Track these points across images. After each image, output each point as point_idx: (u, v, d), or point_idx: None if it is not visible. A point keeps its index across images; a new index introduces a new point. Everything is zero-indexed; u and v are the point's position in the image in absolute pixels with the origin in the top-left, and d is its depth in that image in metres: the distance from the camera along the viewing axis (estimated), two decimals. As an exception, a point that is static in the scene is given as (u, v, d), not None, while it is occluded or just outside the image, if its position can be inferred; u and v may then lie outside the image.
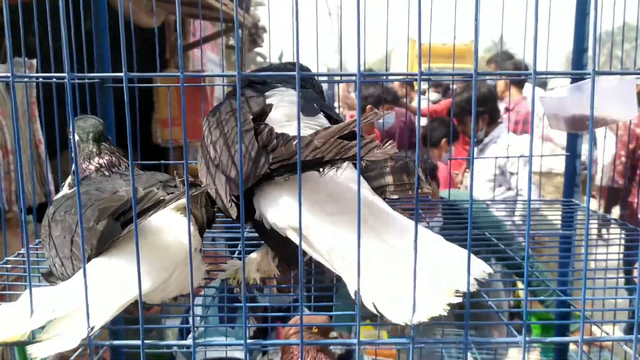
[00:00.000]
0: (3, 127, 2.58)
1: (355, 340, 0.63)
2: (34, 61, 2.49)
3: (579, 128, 1.11)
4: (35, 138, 2.65)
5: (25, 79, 0.65)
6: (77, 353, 1.05)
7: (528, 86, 4.80)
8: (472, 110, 0.62)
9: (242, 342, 0.63)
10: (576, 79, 1.28)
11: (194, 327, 0.64)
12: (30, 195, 2.41)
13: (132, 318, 0.81)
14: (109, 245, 0.71)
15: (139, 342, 0.64)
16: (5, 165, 2.57)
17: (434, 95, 5.14)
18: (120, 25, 0.58)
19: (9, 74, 0.61)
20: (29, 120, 2.33)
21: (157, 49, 1.37)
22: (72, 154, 0.97)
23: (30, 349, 0.60)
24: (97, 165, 0.92)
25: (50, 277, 0.82)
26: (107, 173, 0.92)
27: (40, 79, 0.67)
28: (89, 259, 0.71)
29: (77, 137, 0.96)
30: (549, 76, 1.56)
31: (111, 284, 0.67)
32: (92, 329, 0.61)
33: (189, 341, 0.63)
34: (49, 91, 1.13)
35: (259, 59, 7.62)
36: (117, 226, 0.70)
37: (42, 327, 0.62)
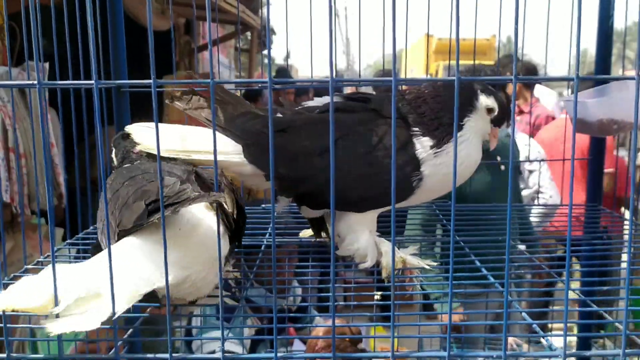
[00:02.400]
0: (17, 129, 2.58)
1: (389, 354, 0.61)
2: (47, 65, 2.50)
3: (607, 132, 1.09)
4: (48, 141, 2.65)
5: (51, 86, 0.63)
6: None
7: (538, 88, 4.76)
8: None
9: (272, 354, 0.62)
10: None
11: (223, 339, 0.62)
12: (44, 198, 2.41)
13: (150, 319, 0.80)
14: (138, 230, 0.71)
15: (166, 355, 0.62)
16: (20, 169, 2.57)
17: None
18: (149, 34, 0.57)
19: (36, 82, 0.60)
20: (42, 125, 2.32)
21: (174, 54, 1.36)
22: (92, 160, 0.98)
23: (49, 325, 0.60)
24: (136, 153, 0.94)
25: (97, 249, 0.82)
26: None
27: (68, 86, 0.66)
28: (119, 236, 0.72)
29: (114, 150, 0.99)
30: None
31: (133, 271, 0.67)
32: (115, 314, 0.61)
33: (218, 354, 0.62)
34: (63, 96, 1.13)
35: (266, 61, 7.61)
36: (146, 213, 0.70)
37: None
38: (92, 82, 0.59)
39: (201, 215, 0.77)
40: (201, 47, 4.68)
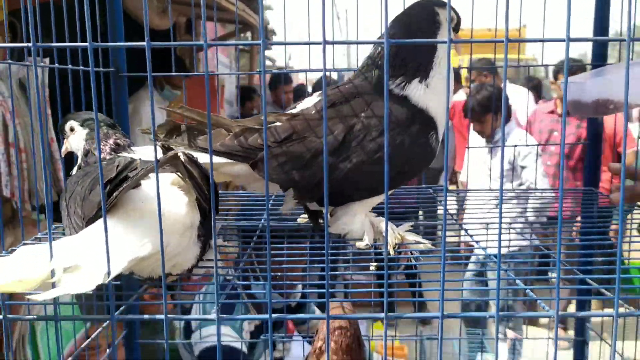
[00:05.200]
0: (17, 125, 2.59)
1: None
2: (47, 60, 2.51)
3: (601, 112, 1.09)
4: (48, 137, 2.66)
5: (45, 47, 0.64)
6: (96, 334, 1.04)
7: (511, 87, 4.75)
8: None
9: (266, 316, 0.62)
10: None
11: (217, 301, 0.63)
12: (43, 193, 2.41)
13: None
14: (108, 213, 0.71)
15: (162, 316, 0.62)
16: (19, 164, 2.58)
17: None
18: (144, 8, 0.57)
19: (30, 44, 0.60)
20: (40, 119, 2.34)
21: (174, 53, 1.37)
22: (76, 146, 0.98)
23: (44, 294, 0.61)
24: (112, 144, 0.94)
25: None
26: (110, 155, 0.93)
27: (63, 47, 0.66)
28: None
29: (87, 130, 0.98)
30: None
31: (118, 242, 0.68)
32: (109, 274, 0.63)
33: (212, 315, 0.62)
34: (57, 86, 1.13)
35: (268, 62, 7.64)
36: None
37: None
38: (87, 43, 0.59)
39: (166, 189, 0.79)
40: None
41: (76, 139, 1.00)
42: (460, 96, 5.04)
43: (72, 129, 1.00)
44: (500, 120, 3.39)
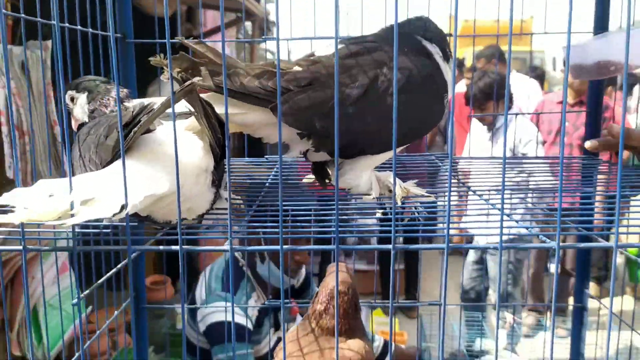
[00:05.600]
0: (19, 107, 2.60)
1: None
2: (49, 42, 2.51)
3: (602, 74, 1.11)
4: (50, 119, 2.66)
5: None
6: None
7: (518, 76, 4.77)
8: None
9: (277, 247, 0.64)
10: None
11: (230, 233, 0.64)
12: (46, 176, 2.42)
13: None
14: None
15: (177, 247, 0.64)
16: (21, 146, 2.59)
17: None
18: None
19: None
20: (45, 102, 2.35)
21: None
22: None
23: (68, 220, 0.62)
24: (114, 96, 0.95)
25: None
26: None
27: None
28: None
29: (85, 93, 0.99)
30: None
31: (135, 179, 0.70)
32: (126, 206, 0.64)
33: (226, 246, 0.64)
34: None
35: (269, 55, 7.62)
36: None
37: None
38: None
39: (181, 133, 0.81)
40: (207, 33, 4.68)
41: (78, 107, 1.00)
42: (461, 87, 5.05)
43: (72, 99, 1.01)
44: (500, 108, 3.41)
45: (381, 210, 0.83)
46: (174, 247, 0.65)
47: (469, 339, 3.11)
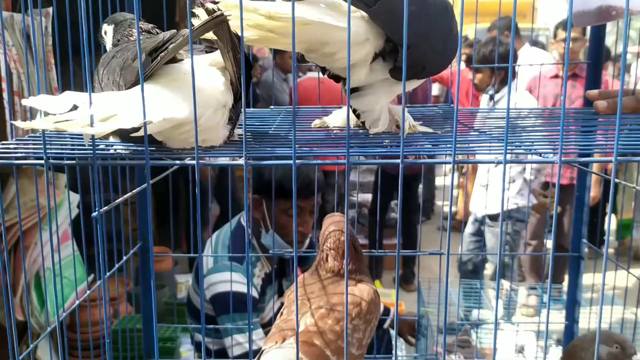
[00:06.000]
0: (20, 74, 2.60)
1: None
2: (50, 9, 2.51)
3: (604, 19, 1.13)
4: (51, 87, 2.67)
5: None
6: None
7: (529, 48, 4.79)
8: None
9: (291, 162, 0.65)
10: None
11: (245, 155, 0.65)
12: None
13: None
14: (147, 79, 0.75)
15: (193, 162, 0.66)
16: (22, 113, 2.59)
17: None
18: None
19: None
20: (45, 69, 2.36)
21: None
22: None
23: (87, 129, 0.64)
24: (140, 29, 0.96)
25: None
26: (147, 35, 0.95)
27: None
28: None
29: (112, 25, 1.00)
30: None
31: (157, 101, 0.72)
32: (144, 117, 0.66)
33: (241, 161, 0.66)
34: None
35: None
36: (149, 61, 0.75)
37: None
38: None
39: (205, 67, 0.82)
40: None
41: (109, 38, 1.02)
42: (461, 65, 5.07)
43: (105, 33, 1.02)
44: (497, 78, 3.43)
45: (387, 141, 0.84)
46: (189, 162, 0.67)
47: (467, 308, 3.16)
